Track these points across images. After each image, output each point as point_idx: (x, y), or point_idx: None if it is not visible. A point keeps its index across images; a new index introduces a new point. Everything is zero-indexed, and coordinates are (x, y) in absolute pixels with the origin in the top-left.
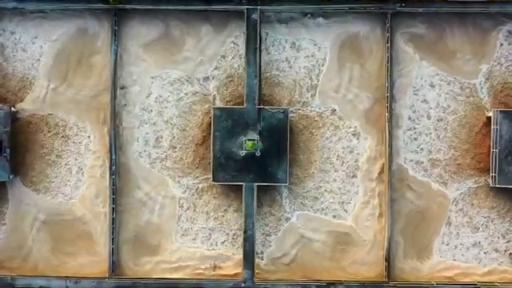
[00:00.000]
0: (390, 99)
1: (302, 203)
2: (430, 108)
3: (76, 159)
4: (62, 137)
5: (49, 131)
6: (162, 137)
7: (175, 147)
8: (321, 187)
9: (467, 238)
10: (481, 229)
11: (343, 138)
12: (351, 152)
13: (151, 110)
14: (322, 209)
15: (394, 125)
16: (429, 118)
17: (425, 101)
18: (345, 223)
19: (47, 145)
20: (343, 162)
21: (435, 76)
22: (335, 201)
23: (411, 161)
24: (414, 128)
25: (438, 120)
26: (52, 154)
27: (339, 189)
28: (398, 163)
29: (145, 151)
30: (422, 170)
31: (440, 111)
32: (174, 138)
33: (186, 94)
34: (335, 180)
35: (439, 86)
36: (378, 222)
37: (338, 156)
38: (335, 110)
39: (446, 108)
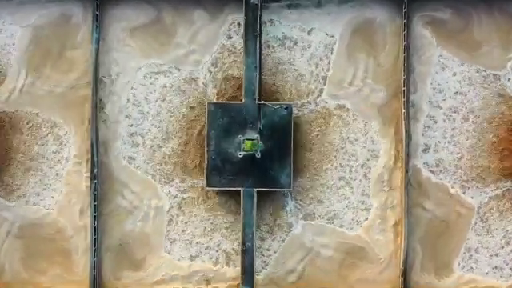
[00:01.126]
0: (407, 94)
1: (308, 211)
2: (449, 100)
3: (53, 161)
4: (38, 137)
5: (22, 130)
6: (149, 135)
7: (164, 147)
8: (329, 193)
9: (493, 252)
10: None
11: (354, 137)
12: (364, 154)
13: (137, 105)
14: (332, 218)
15: (412, 122)
16: (448, 112)
17: (443, 92)
18: (358, 236)
19: (20, 146)
20: (355, 164)
21: (454, 64)
22: (347, 210)
23: (429, 163)
24: (433, 124)
25: (457, 115)
26: (26, 156)
27: (351, 195)
28: (415, 166)
29: (130, 152)
30: (442, 173)
31: (461, 105)
32: (162, 137)
33: (176, 87)
34: (346, 185)
35: (458, 76)
36: (395, 235)
37: (349, 157)
38: (345, 106)
39: (467, 102)
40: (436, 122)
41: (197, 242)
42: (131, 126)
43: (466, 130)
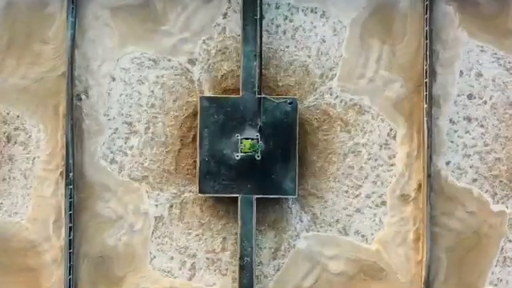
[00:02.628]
0: (430, 86)
1: (314, 221)
2: (478, 93)
3: (23, 164)
4: (3, 136)
5: None
6: (132, 134)
7: (149, 148)
8: (340, 201)
9: None
10: None
11: (368, 137)
12: (380, 156)
13: (118, 100)
14: (343, 230)
15: (435, 118)
16: (477, 106)
17: (471, 83)
18: (372, 250)
19: None
20: (369, 168)
21: (485, 51)
22: (360, 221)
23: (456, 165)
24: (460, 121)
25: (489, 109)
26: None
27: (365, 204)
28: (440, 170)
29: (111, 153)
30: (472, 178)
31: (492, 98)
32: (148, 136)
33: (164, 79)
34: (360, 193)
35: (489, 64)
36: (416, 249)
37: (363, 160)
38: (358, 100)
39: (499, 94)
40: (463, 119)
41: (187, 257)
42: (111, 123)
43: (500, 127)
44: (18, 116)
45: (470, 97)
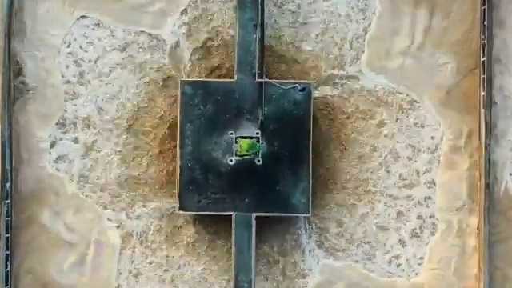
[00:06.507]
0: (489, 68)
1: (333, 248)
2: None
3: None
4: None
5: None
6: (89, 131)
7: (113, 151)
8: (367, 222)
9: None
10: None
11: (405, 137)
12: (422, 161)
13: (72, 85)
14: (371, 260)
15: (496, 111)
16: None
17: None
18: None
19: None
20: (408, 178)
21: None
22: (393, 247)
23: None
24: None
25: None
26: None
27: (400, 226)
28: (503, 179)
29: (61, 157)
30: None
31: None
32: (111, 134)
33: (133, 56)
34: (393, 211)
35: None
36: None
37: (397, 167)
38: (391, 86)
39: None
40: None
41: None
42: (63, 117)
43: None
44: None
45: None
